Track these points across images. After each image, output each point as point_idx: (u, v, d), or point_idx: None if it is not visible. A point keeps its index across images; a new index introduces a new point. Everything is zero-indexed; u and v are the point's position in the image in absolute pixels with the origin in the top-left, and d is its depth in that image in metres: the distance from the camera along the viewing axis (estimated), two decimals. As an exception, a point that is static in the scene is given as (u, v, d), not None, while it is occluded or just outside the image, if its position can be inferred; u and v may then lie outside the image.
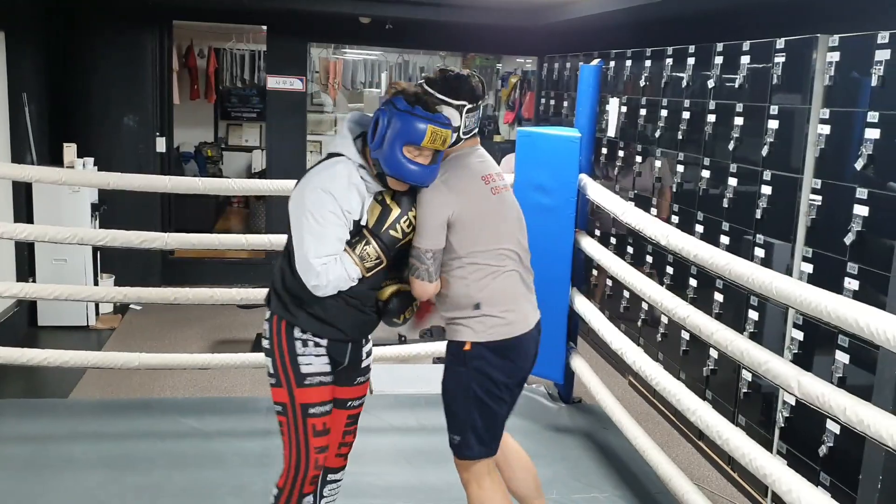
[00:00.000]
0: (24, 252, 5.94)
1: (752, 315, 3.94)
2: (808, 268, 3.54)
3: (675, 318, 3.36)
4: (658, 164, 5.10)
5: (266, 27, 7.62)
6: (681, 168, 4.77)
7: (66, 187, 5.74)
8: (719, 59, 4.37)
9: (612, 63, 5.87)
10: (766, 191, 3.86)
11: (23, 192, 5.87)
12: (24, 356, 4.30)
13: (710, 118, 4.43)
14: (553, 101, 7.37)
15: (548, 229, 4.46)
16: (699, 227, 4.47)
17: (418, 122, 2.49)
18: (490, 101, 9.87)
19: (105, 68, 6.88)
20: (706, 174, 4.44)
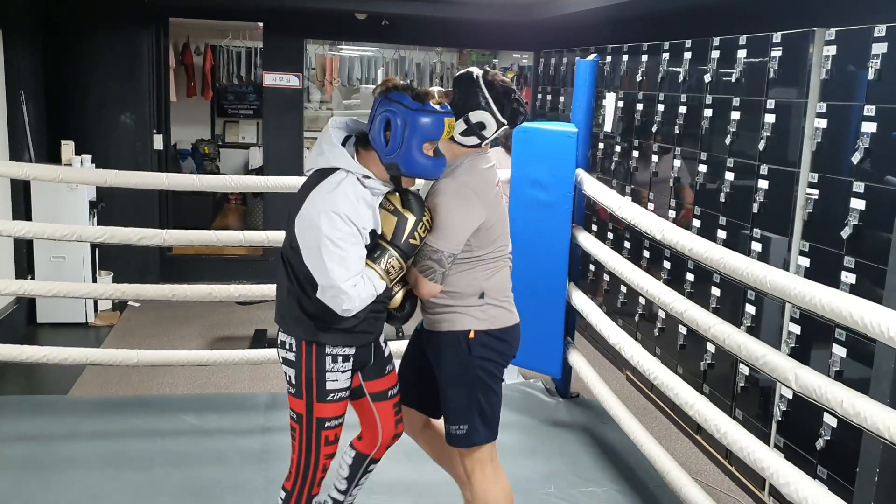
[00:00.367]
0: (23, 250, 5.94)
1: (749, 309, 3.95)
2: (805, 262, 3.55)
3: (673, 313, 3.36)
4: (655, 159, 5.10)
5: (262, 24, 7.61)
6: (678, 163, 4.78)
7: (64, 185, 5.74)
8: (716, 54, 4.37)
9: (608, 58, 5.87)
10: (763, 185, 3.87)
11: (21, 190, 5.87)
12: (23, 353, 4.31)
13: (707, 112, 4.43)
14: (549, 97, 7.37)
15: (545, 225, 4.48)
16: (696, 222, 4.48)
17: (436, 118, 2.48)
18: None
19: (102, 66, 6.87)
20: (703, 168, 4.45)
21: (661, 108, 5.05)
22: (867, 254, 3.18)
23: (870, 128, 3.17)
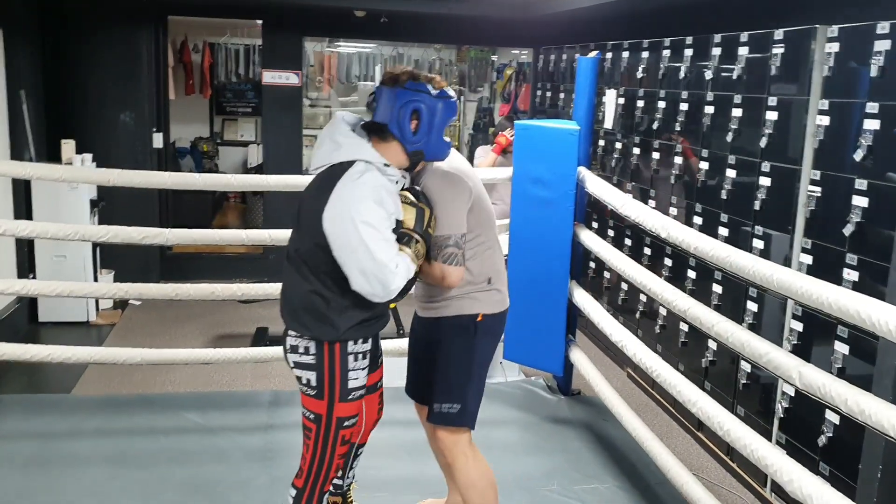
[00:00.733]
0: (25, 249, 5.94)
1: (751, 306, 3.96)
2: (808, 259, 3.55)
3: (676, 311, 3.37)
4: (656, 156, 5.10)
5: (261, 21, 7.60)
6: (679, 160, 4.78)
7: (65, 184, 5.73)
8: (717, 50, 4.37)
9: (608, 55, 5.87)
10: (765, 182, 3.87)
11: (22, 190, 5.87)
12: (28, 352, 4.32)
13: (709, 109, 4.44)
14: (549, 93, 7.36)
15: (546, 222, 4.48)
16: (697, 220, 4.48)
17: (454, 103, 2.64)
18: (486, 94, 9.86)
19: (101, 65, 6.87)
20: (704, 166, 4.45)
21: (661, 105, 5.05)
22: (869, 251, 3.19)
23: (872, 125, 3.17)
